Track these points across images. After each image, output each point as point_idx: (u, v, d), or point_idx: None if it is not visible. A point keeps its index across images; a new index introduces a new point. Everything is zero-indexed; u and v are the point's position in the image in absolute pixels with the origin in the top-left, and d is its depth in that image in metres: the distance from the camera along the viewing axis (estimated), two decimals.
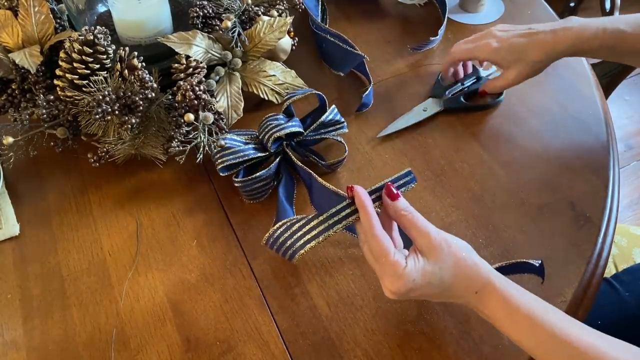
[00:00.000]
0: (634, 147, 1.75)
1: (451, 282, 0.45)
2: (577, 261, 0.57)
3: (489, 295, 0.44)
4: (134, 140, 0.63)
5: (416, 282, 0.44)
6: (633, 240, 0.87)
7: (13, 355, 0.52)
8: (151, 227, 0.62)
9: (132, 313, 0.55)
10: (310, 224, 0.50)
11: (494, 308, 0.44)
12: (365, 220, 0.47)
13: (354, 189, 0.48)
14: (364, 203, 0.47)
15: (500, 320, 0.44)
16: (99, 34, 0.60)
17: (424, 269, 0.45)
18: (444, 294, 0.46)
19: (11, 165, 0.63)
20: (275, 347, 0.52)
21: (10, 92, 0.65)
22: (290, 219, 0.52)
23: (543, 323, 0.42)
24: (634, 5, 2.07)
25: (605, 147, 0.67)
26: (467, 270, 0.45)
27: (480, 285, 0.45)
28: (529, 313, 0.43)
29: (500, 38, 0.65)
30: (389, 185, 0.49)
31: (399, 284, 0.45)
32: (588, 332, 0.42)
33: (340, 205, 0.49)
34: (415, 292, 0.45)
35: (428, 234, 0.46)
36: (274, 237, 0.53)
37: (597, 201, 0.62)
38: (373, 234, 0.46)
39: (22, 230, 0.62)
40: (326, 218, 0.49)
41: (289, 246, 0.51)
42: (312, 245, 0.50)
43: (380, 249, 0.45)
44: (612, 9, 1.07)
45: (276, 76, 0.71)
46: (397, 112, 0.72)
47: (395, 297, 0.46)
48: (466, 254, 0.46)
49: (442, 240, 0.45)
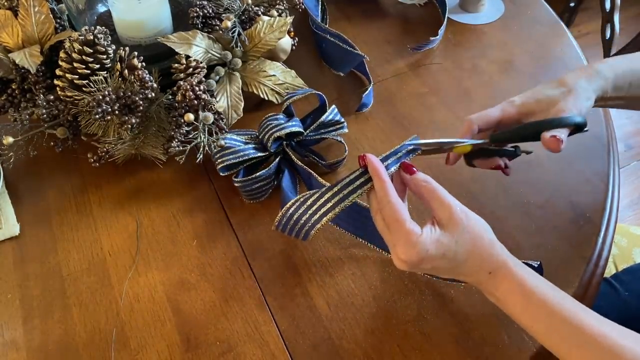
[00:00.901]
0: (634, 147, 1.75)
1: (465, 259, 0.44)
2: (577, 261, 0.57)
3: (503, 277, 0.44)
4: (134, 140, 0.63)
5: (429, 253, 0.43)
6: (633, 240, 0.87)
7: (13, 355, 0.52)
8: (151, 227, 0.62)
9: (132, 313, 0.55)
10: (325, 196, 0.49)
11: (506, 290, 0.44)
12: (379, 188, 0.46)
13: (366, 157, 0.48)
14: (378, 171, 0.47)
15: (511, 303, 0.43)
16: (99, 34, 0.60)
17: (439, 240, 0.44)
18: (456, 269, 0.45)
19: (11, 165, 0.63)
20: (275, 347, 0.52)
21: (10, 92, 0.65)
22: (302, 195, 0.51)
23: (557, 309, 0.41)
24: (634, 5, 2.07)
25: (605, 147, 0.67)
26: (483, 249, 0.44)
27: (495, 266, 0.44)
28: (543, 298, 0.42)
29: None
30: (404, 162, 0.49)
31: (412, 252, 0.43)
32: (603, 321, 0.41)
33: (353, 175, 0.49)
34: (427, 263, 0.44)
35: (450, 206, 0.45)
36: (287, 215, 0.52)
37: (597, 201, 0.62)
38: (388, 201, 0.45)
39: (22, 230, 0.62)
40: (341, 188, 0.49)
41: (305, 222, 0.50)
42: (328, 218, 0.49)
43: (395, 216, 0.44)
44: (612, 9, 1.08)
45: (276, 76, 0.71)
46: (397, 112, 0.72)
47: (406, 268, 0.45)
48: (485, 232, 0.45)
49: (463, 214, 0.45)
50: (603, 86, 0.53)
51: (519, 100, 0.54)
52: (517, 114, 0.53)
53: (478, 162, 0.57)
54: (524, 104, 0.53)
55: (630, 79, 0.54)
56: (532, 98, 0.53)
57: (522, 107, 0.53)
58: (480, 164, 0.57)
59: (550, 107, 0.51)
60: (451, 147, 0.54)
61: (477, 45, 0.83)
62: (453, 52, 0.82)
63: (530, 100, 0.53)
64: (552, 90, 0.53)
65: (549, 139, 0.49)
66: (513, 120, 0.54)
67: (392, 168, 0.49)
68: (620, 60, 0.55)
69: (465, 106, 0.74)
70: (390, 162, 0.50)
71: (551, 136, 0.49)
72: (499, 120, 0.54)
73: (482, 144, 0.54)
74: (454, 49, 0.82)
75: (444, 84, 0.77)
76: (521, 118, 0.54)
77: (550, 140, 0.49)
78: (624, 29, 1.11)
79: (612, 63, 0.54)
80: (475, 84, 0.77)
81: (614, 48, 1.10)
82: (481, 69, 0.79)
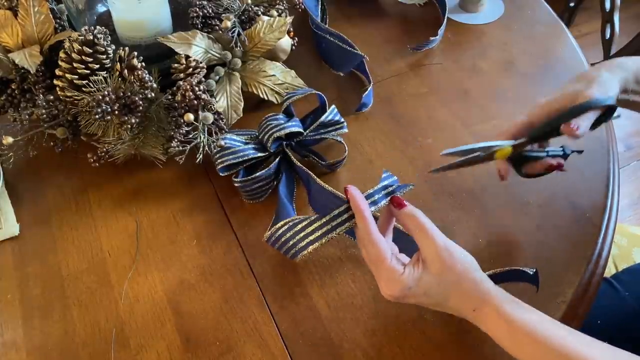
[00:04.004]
0: (633, 147, 1.75)
1: (447, 297, 0.45)
2: (577, 261, 0.57)
3: (487, 315, 0.44)
4: (133, 140, 0.63)
5: (412, 290, 0.45)
6: (633, 240, 0.87)
7: (13, 355, 0.52)
8: (151, 227, 0.62)
9: (131, 313, 0.55)
10: (313, 225, 0.50)
11: (493, 327, 0.44)
12: (361, 226, 0.47)
13: (348, 192, 0.49)
14: (360, 207, 0.47)
15: (499, 338, 0.44)
16: (99, 34, 0.60)
17: (421, 279, 0.45)
18: (440, 305, 0.46)
19: (11, 165, 0.63)
20: (275, 347, 0.52)
21: (10, 92, 0.65)
22: (292, 219, 0.52)
23: (545, 342, 0.41)
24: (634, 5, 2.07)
25: (605, 147, 0.67)
26: (466, 288, 0.45)
27: (479, 303, 0.44)
28: (530, 331, 0.42)
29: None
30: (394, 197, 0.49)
31: (395, 289, 0.45)
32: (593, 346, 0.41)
33: (341, 208, 0.50)
34: (410, 298, 0.46)
35: (434, 245, 0.45)
36: (276, 235, 0.53)
37: (597, 201, 0.62)
38: (370, 240, 0.46)
39: (22, 230, 0.62)
40: (329, 220, 0.50)
41: (292, 245, 0.51)
42: (315, 247, 0.50)
43: (377, 254, 0.46)
44: (612, 9, 1.08)
45: (276, 76, 0.71)
46: (397, 112, 0.72)
47: (392, 300, 0.46)
48: (468, 270, 0.45)
49: (447, 254, 0.45)
50: (625, 77, 0.54)
51: (545, 99, 0.54)
52: (546, 113, 0.54)
53: (528, 167, 0.57)
54: (550, 102, 0.54)
55: None
56: (558, 94, 0.54)
57: (548, 106, 0.54)
58: (532, 169, 0.57)
59: (576, 99, 0.52)
60: (491, 154, 0.53)
61: (477, 45, 0.83)
62: (453, 52, 0.82)
63: (557, 97, 0.53)
64: (576, 84, 0.53)
65: (564, 128, 0.50)
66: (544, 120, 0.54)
67: (381, 203, 0.50)
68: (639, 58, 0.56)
69: (465, 106, 0.74)
70: (379, 197, 0.50)
71: (565, 125, 0.50)
72: (530, 125, 0.54)
73: (522, 143, 0.54)
74: (454, 49, 0.82)
75: (444, 84, 0.77)
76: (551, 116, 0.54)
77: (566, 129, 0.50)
78: (624, 29, 1.11)
79: (635, 59, 0.56)
80: (475, 84, 0.77)
81: (614, 48, 1.10)
82: (481, 69, 0.79)
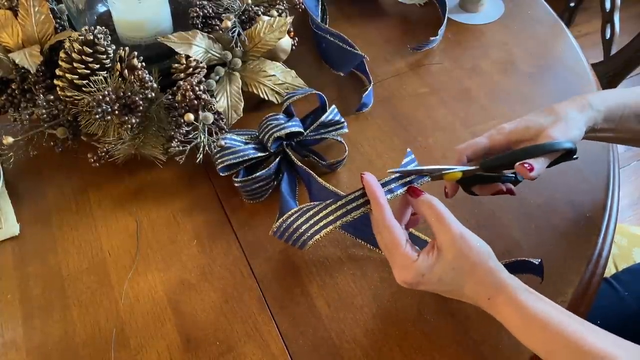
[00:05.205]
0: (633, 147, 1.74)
1: (462, 284, 0.45)
2: (577, 261, 0.57)
3: (502, 303, 0.44)
4: (134, 140, 0.63)
5: (425, 277, 0.45)
6: (633, 240, 0.87)
7: (13, 355, 0.52)
8: (151, 227, 0.62)
9: (132, 313, 0.55)
10: (327, 208, 0.50)
11: (507, 315, 0.44)
12: (376, 211, 0.48)
13: (363, 179, 0.49)
14: (375, 194, 0.48)
15: (514, 327, 0.44)
16: (99, 34, 0.60)
17: (435, 266, 0.45)
18: (454, 292, 0.46)
19: (11, 165, 0.63)
20: (275, 347, 0.52)
21: (10, 92, 0.65)
22: (303, 206, 0.52)
23: (558, 332, 0.41)
24: (634, 5, 2.07)
25: (605, 147, 0.67)
26: (481, 276, 0.45)
27: (493, 292, 0.44)
28: (544, 321, 0.42)
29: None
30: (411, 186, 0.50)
31: (408, 275, 0.45)
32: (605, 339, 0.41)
33: (357, 193, 0.50)
34: (423, 285, 0.46)
35: (450, 232, 0.45)
36: (286, 223, 0.52)
37: (597, 201, 0.62)
38: (385, 225, 0.47)
39: (22, 230, 0.62)
40: (344, 203, 0.50)
41: (304, 231, 0.51)
42: (329, 230, 0.50)
43: (391, 240, 0.46)
44: (612, 9, 1.08)
45: (276, 76, 0.71)
46: (397, 112, 0.72)
47: (406, 286, 0.47)
48: (484, 259, 0.45)
49: (463, 241, 0.45)
50: (594, 117, 0.52)
51: (508, 127, 0.53)
52: (506, 141, 0.53)
53: (477, 189, 0.56)
54: (513, 131, 0.53)
55: (622, 112, 0.53)
56: (521, 125, 0.52)
57: (511, 135, 0.53)
58: (481, 190, 0.56)
59: (539, 134, 0.51)
60: (441, 175, 0.53)
61: (477, 45, 0.83)
62: (453, 52, 0.82)
63: (520, 128, 0.52)
64: (541, 118, 0.52)
65: (518, 167, 0.49)
66: (502, 147, 0.53)
67: (398, 191, 0.50)
68: (611, 93, 0.55)
69: (465, 106, 0.74)
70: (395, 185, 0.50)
71: (520, 164, 0.48)
72: (487, 148, 0.53)
73: (473, 170, 0.52)
74: (454, 49, 0.82)
75: (444, 84, 0.77)
76: (510, 145, 0.53)
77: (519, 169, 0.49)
78: (624, 29, 1.11)
79: (604, 96, 0.54)
80: (475, 84, 0.77)
81: (614, 48, 1.10)
82: (481, 69, 0.79)
